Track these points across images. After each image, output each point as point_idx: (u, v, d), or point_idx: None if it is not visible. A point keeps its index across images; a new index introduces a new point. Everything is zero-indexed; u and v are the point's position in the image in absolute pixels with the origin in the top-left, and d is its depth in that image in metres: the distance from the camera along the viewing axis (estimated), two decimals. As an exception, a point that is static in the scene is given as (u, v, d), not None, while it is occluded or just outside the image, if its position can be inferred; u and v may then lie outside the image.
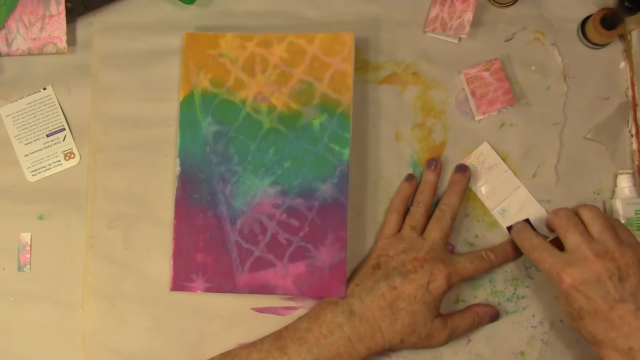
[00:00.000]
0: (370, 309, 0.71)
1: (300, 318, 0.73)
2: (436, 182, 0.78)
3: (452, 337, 0.74)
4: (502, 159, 0.79)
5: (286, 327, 0.73)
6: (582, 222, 0.70)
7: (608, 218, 0.70)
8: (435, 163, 0.78)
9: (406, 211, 0.77)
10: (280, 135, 0.76)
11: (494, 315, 0.76)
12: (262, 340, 0.73)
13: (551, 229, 0.74)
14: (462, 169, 0.78)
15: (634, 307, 0.64)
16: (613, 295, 0.64)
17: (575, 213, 0.71)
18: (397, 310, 0.71)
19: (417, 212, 0.76)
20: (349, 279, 0.75)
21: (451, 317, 0.74)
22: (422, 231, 0.75)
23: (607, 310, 0.64)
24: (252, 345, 0.73)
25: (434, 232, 0.74)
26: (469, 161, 0.78)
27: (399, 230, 0.76)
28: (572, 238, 0.68)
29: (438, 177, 0.78)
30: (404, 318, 0.71)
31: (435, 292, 0.71)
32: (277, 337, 0.72)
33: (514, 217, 0.77)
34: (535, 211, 0.78)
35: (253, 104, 0.76)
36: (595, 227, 0.68)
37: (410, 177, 0.78)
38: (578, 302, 0.66)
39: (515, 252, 0.77)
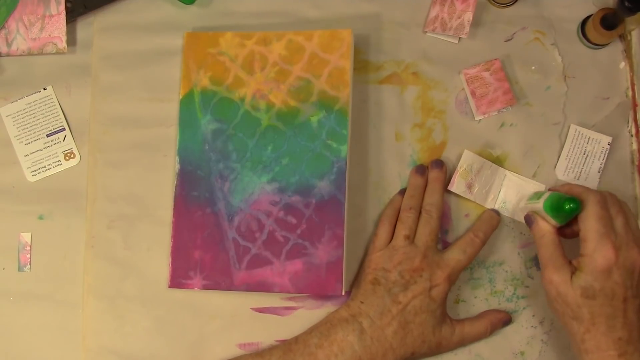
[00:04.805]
0: (380, 327, 0.70)
1: (310, 332, 0.72)
2: (425, 187, 0.77)
3: (462, 344, 0.74)
4: (500, 159, 0.79)
5: (296, 340, 0.72)
6: None
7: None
8: (424, 169, 0.78)
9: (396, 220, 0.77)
10: (279, 133, 0.76)
11: (507, 321, 0.76)
12: (270, 351, 0.72)
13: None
14: (439, 164, 0.77)
15: (637, 303, 0.66)
16: (632, 290, 0.66)
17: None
18: (405, 324, 0.70)
19: (409, 219, 0.75)
20: (350, 297, 0.75)
21: (460, 324, 0.74)
22: (414, 236, 0.75)
23: (622, 300, 0.65)
24: (259, 355, 0.72)
25: (424, 235, 0.74)
26: (458, 175, 0.77)
27: (390, 240, 0.75)
28: (619, 220, 0.68)
29: (426, 182, 0.78)
30: (413, 330, 0.71)
31: (438, 298, 0.72)
32: (287, 350, 0.71)
33: (515, 204, 0.77)
34: (533, 188, 0.78)
35: (252, 102, 0.77)
36: (631, 220, 0.69)
37: (403, 191, 0.78)
38: (608, 281, 0.66)
39: (499, 215, 0.77)
